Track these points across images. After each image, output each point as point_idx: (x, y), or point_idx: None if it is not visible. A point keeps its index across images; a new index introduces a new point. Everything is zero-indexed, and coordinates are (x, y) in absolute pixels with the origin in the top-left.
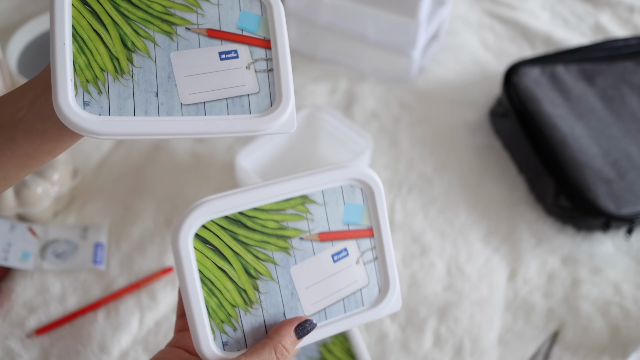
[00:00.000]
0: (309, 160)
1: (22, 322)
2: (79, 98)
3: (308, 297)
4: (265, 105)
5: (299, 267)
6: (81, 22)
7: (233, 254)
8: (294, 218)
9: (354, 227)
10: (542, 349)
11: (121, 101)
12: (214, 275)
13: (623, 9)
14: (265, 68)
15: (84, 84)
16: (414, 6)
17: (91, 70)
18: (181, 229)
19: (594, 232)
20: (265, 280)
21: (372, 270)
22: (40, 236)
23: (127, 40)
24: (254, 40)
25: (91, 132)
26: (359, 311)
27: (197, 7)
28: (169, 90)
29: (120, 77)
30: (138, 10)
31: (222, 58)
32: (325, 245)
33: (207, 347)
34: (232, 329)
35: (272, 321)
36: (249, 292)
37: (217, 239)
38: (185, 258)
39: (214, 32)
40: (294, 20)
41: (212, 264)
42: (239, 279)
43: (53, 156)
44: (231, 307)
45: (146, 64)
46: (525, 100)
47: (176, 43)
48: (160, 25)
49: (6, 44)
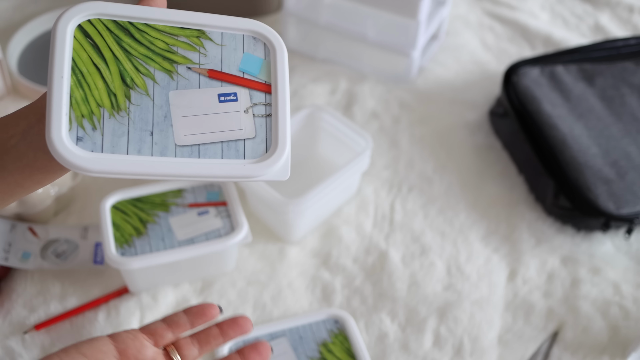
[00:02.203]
0: (309, 160)
1: (22, 322)
2: (72, 133)
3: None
4: (261, 151)
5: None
6: (82, 54)
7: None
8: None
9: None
10: (541, 348)
11: (115, 138)
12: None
13: (623, 9)
14: (264, 113)
15: (78, 119)
16: (414, 6)
17: (87, 105)
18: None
19: (593, 232)
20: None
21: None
22: (40, 236)
23: (126, 77)
24: (254, 83)
25: (81, 169)
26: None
27: (200, 46)
28: (165, 130)
29: (116, 113)
30: (140, 46)
31: (220, 100)
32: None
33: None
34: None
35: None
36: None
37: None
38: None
39: (215, 73)
40: (294, 20)
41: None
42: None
43: (42, 185)
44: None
45: (144, 101)
46: (525, 100)
47: (176, 82)
48: (161, 62)
49: (6, 44)
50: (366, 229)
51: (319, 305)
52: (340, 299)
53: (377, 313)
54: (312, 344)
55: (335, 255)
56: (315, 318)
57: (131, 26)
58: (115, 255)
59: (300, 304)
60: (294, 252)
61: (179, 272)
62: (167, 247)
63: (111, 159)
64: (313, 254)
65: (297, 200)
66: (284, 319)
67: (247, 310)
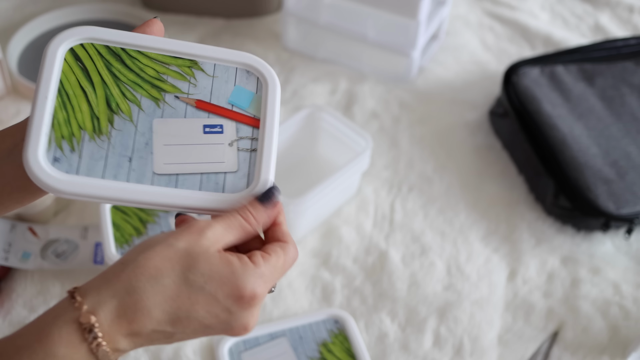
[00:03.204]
0: (309, 160)
1: (22, 322)
2: (49, 153)
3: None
4: (241, 186)
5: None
6: (70, 77)
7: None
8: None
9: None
10: (541, 348)
11: (92, 162)
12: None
13: (623, 9)
14: (249, 147)
15: (58, 140)
16: (414, 6)
17: (69, 126)
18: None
19: (593, 232)
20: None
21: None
22: (40, 236)
23: (112, 101)
24: (242, 117)
25: (53, 189)
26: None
27: (191, 76)
28: (144, 157)
29: (97, 137)
30: (130, 72)
31: (205, 131)
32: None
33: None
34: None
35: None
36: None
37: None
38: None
39: (203, 103)
40: (294, 20)
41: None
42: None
43: (21, 205)
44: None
45: (126, 127)
46: (525, 100)
47: (162, 110)
48: (149, 90)
49: (6, 44)
50: (366, 229)
51: (319, 305)
52: (340, 299)
53: (377, 313)
54: (312, 344)
55: (335, 255)
56: (315, 318)
57: (123, 52)
58: (115, 255)
59: (300, 304)
60: None
61: None
62: None
63: (85, 182)
64: (313, 254)
65: (297, 200)
66: (284, 319)
67: None
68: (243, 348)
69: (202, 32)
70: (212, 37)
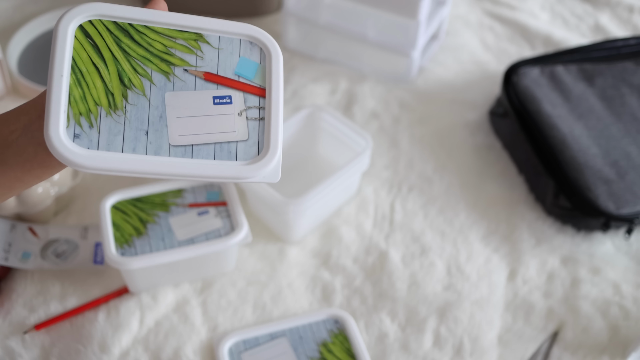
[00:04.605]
0: (309, 160)
1: (22, 322)
2: (69, 130)
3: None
4: (252, 154)
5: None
6: (82, 54)
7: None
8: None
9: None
10: (541, 348)
11: (111, 137)
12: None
13: (623, 9)
14: (257, 116)
15: (76, 117)
16: (414, 6)
17: (85, 103)
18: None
19: (593, 232)
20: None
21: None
22: (40, 236)
23: (124, 77)
24: (249, 87)
25: (77, 165)
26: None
27: (197, 49)
28: (160, 130)
29: (113, 112)
30: (139, 47)
31: (215, 102)
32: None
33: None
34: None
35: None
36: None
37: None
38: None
39: (211, 75)
40: (294, 20)
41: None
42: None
43: (41, 180)
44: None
45: (140, 101)
46: (525, 100)
47: (172, 83)
48: (159, 64)
49: (6, 44)
50: (366, 229)
51: (319, 305)
52: (340, 299)
53: (377, 313)
54: (312, 344)
55: (335, 255)
56: (315, 318)
57: (131, 28)
58: (115, 255)
59: (300, 304)
60: (294, 252)
61: (179, 272)
62: (167, 247)
63: (106, 156)
64: (313, 254)
65: (297, 200)
66: (284, 319)
67: (247, 310)
68: (243, 348)
69: None
70: None
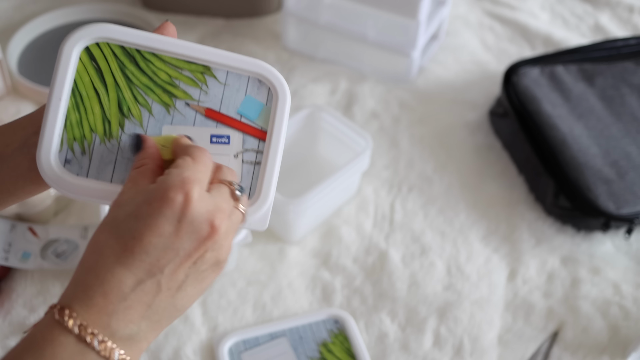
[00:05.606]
0: (309, 160)
1: (22, 322)
2: (61, 154)
3: None
4: None
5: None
6: (84, 77)
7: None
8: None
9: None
10: (541, 348)
11: (102, 165)
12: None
13: (623, 9)
14: (254, 160)
15: (70, 142)
16: (414, 6)
17: (81, 128)
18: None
19: (593, 232)
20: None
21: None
22: (40, 236)
23: (123, 105)
24: (250, 128)
25: (64, 191)
26: None
27: (203, 82)
28: None
29: (107, 140)
30: (143, 75)
31: (212, 141)
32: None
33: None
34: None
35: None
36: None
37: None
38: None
39: (212, 112)
40: (294, 20)
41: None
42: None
43: (31, 195)
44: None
45: (136, 132)
46: (525, 101)
47: (172, 116)
48: (160, 95)
49: (6, 44)
50: (366, 229)
51: (319, 305)
52: (340, 299)
53: (377, 313)
54: (312, 344)
55: (335, 255)
56: (315, 318)
57: (137, 54)
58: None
59: (300, 304)
60: (294, 252)
61: None
62: None
63: (93, 185)
64: (313, 254)
65: (297, 200)
66: (284, 319)
67: (247, 310)
68: (243, 348)
69: (202, 32)
70: (212, 37)
